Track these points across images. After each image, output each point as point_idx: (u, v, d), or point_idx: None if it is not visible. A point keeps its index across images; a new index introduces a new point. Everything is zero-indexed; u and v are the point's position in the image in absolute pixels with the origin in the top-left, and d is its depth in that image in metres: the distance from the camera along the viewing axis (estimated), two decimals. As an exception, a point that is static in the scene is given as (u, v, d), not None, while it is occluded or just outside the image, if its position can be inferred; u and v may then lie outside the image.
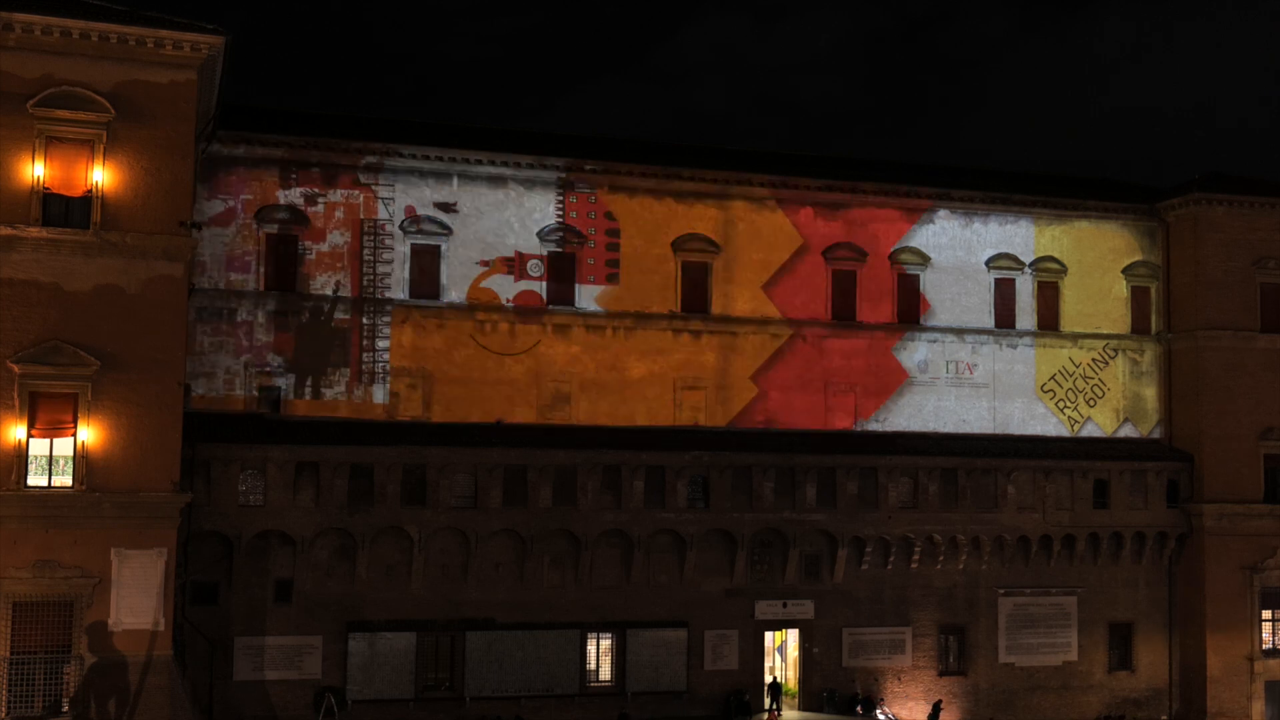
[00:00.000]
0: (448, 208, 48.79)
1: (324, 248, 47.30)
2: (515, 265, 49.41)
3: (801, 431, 51.79)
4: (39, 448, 36.75)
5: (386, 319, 47.73)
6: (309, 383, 46.68)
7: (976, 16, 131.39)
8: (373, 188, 47.95)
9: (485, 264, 49.05)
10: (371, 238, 47.82)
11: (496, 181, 49.27)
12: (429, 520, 45.98)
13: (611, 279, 50.35)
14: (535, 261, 49.52)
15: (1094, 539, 54.10)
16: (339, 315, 47.28)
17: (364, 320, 47.44)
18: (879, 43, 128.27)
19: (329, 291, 47.17)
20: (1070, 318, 55.97)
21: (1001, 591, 53.28)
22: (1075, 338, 55.90)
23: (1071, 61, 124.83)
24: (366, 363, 47.36)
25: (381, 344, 47.54)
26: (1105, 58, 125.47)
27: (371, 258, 47.74)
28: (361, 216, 47.82)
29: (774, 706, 49.46)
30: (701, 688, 49.30)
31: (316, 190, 47.29)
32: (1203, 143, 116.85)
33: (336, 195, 47.55)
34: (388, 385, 47.49)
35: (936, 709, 51.21)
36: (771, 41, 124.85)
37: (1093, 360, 56.07)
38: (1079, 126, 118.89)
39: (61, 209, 37.32)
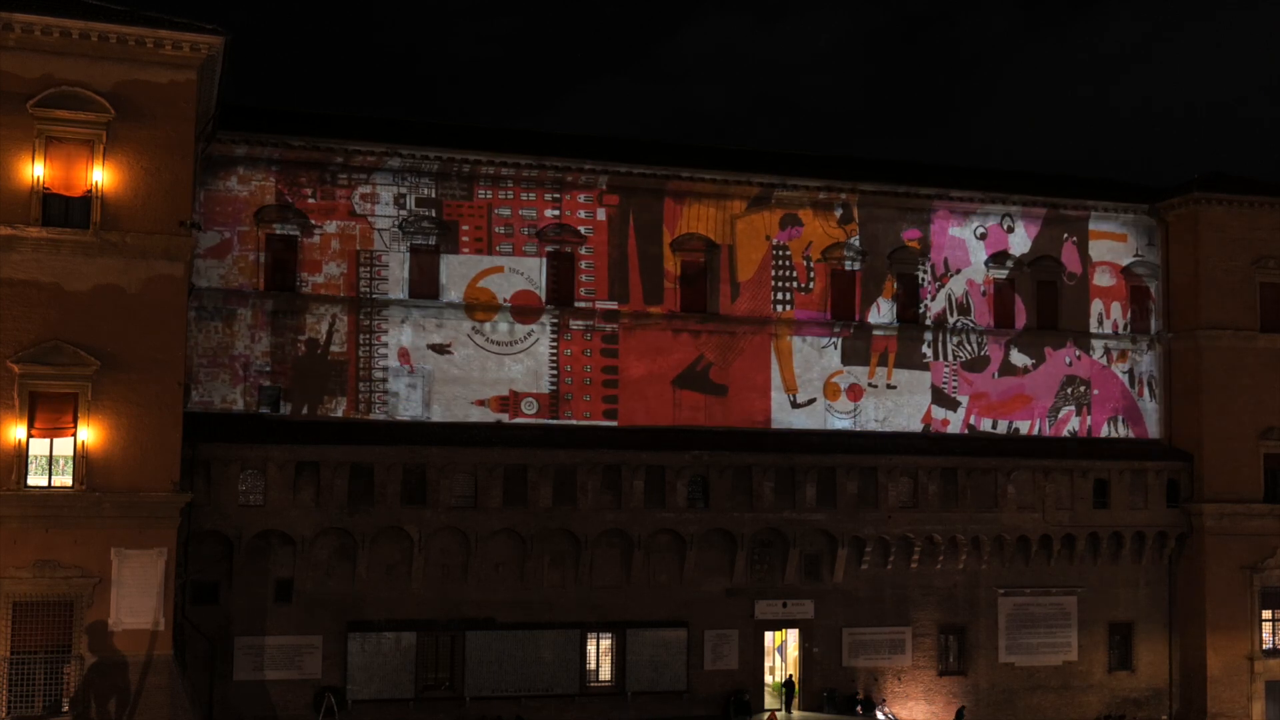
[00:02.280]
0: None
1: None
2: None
3: (801, 430, 51.88)
4: (39, 448, 36.78)
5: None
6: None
7: (978, 16, 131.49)
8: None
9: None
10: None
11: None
12: (429, 520, 45.99)
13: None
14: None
15: (1094, 539, 54.10)
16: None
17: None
18: (880, 42, 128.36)
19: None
20: (1067, 316, 55.96)
21: (1001, 591, 53.28)
22: (1075, 335, 55.89)
23: (1074, 61, 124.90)
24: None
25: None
26: (1107, 58, 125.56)
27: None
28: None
29: (787, 706, 49.59)
30: (702, 687, 49.30)
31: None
32: (1204, 142, 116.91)
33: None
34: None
35: (959, 716, 51.43)
36: (772, 41, 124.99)
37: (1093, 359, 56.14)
38: (1081, 126, 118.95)
39: (61, 209, 37.34)
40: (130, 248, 37.61)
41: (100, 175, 37.64)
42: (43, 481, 36.73)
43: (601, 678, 48.62)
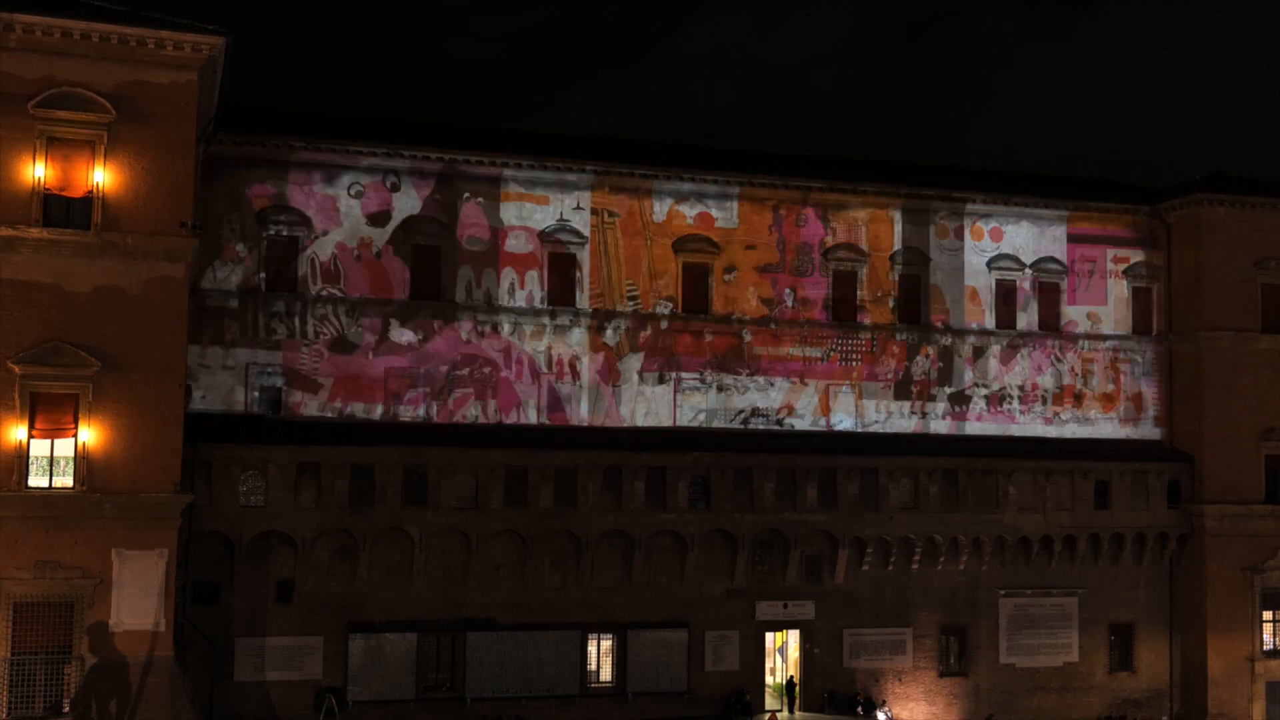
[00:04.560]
0: None
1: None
2: None
3: (801, 432, 51.84)
4: (40, 448, 36.75)
5: None
6: None
7: (980, 15, 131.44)
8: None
9: None
10: None
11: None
12: (430, 521, 45.97)
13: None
14: None
15: (1095, 540, 54.08)
16: None
17: None
18: (881, 41, 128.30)
19: None
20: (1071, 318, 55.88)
21: (1002, 592, 53.26)
22: (1076, 338, 55.88)
23: (1077, 61, 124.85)
24: None
25: None
26: (1108, 58, 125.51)
27: None
28: None
29: (790, 706, 49.60)
30: (702, 688, 49.28)
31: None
32: (1206, 142, 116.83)
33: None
34: None
35: None
36: (774, 39, 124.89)
37: (1095, 361, 56.07)
38: (1083, 126, 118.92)
39: (62, 210, 37.32)
40: (131, 249, 37.59)
41: (101, 176, 37.61)
42: (44, 482, 36.71)
43: (602, 679, 48.61)
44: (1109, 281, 56.54)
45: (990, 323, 54.85)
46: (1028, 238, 55.47)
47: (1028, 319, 55.36)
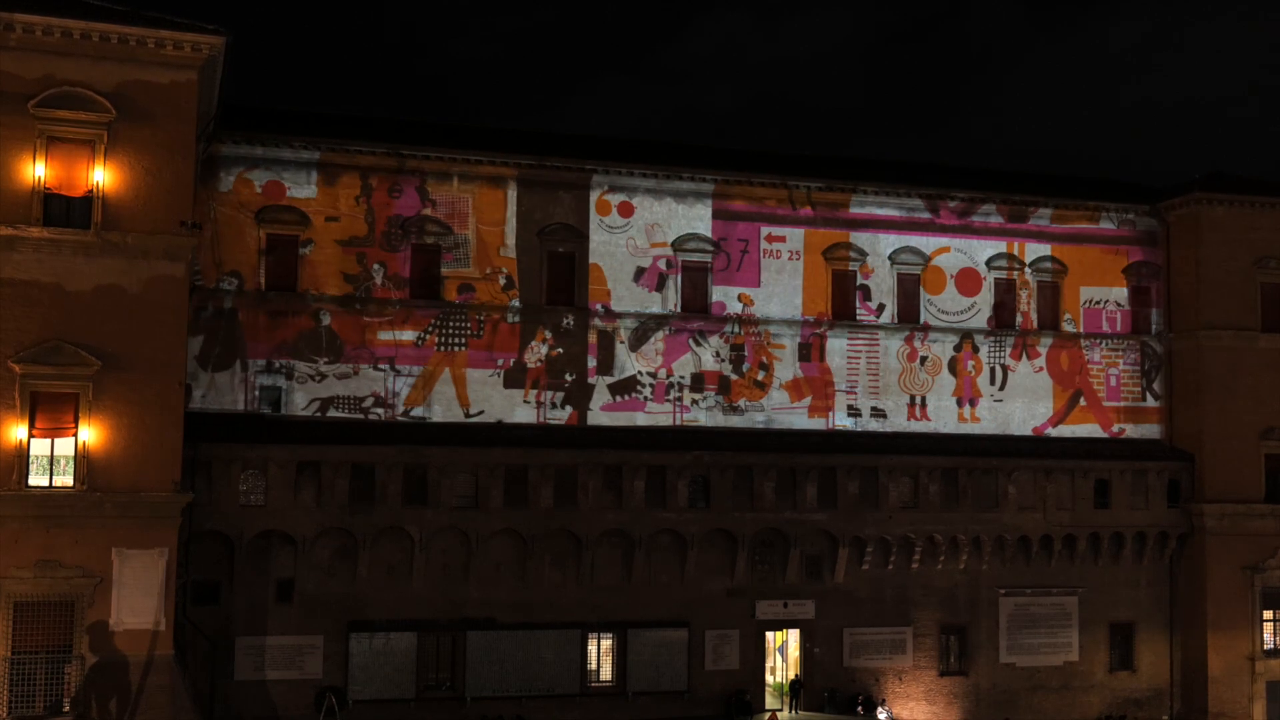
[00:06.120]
0: None
1: None
2: None
3: (802, 431, 51.83)
4: (40, 448, 36.80)
5: None
6: None
7: (983, 16, 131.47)
8: None
9: None
10: None
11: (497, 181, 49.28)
12: (430, 520, 45.98)
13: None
14: None
15: (1095, 539, 54.08)
16: None
17: None
18: (883, 42, 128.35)
19: None
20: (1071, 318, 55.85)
21: (1002, 591, 53.27)
22: (1075, 338, 55.89)
23: (1079, 61, 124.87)
24: None
25: None
26: (1109, 58, 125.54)
27: None
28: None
29: (794, 705, 49.62)
30: (702, 688, 49.29)
31: None
32: (1207, 142, 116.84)
33: None
34: None
35: None
36: (776, 40, 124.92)
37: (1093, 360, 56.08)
38: (1085, 126, 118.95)
39: (62, 209, 37.37)
40: (131, 248, 37.64)
41: (101, 175, 37.66)
42: (44, 481, 36.75)
43: (602, 678, 48.62)
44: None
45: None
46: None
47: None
